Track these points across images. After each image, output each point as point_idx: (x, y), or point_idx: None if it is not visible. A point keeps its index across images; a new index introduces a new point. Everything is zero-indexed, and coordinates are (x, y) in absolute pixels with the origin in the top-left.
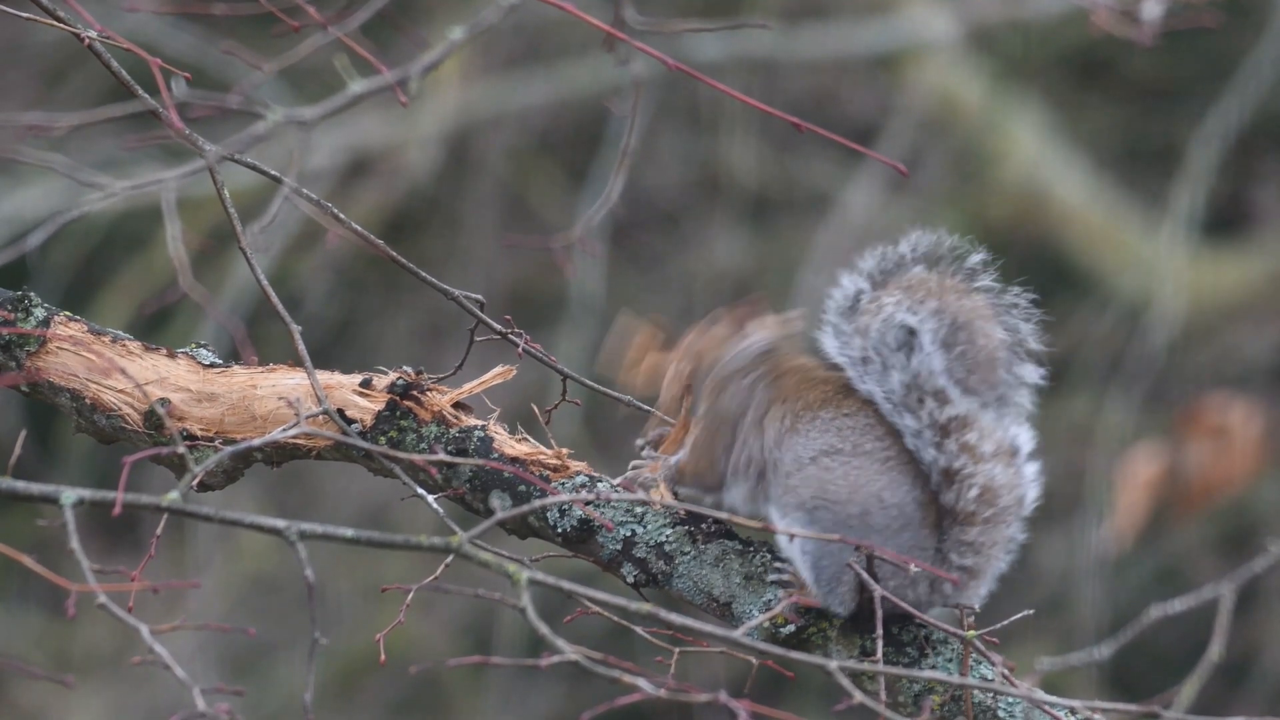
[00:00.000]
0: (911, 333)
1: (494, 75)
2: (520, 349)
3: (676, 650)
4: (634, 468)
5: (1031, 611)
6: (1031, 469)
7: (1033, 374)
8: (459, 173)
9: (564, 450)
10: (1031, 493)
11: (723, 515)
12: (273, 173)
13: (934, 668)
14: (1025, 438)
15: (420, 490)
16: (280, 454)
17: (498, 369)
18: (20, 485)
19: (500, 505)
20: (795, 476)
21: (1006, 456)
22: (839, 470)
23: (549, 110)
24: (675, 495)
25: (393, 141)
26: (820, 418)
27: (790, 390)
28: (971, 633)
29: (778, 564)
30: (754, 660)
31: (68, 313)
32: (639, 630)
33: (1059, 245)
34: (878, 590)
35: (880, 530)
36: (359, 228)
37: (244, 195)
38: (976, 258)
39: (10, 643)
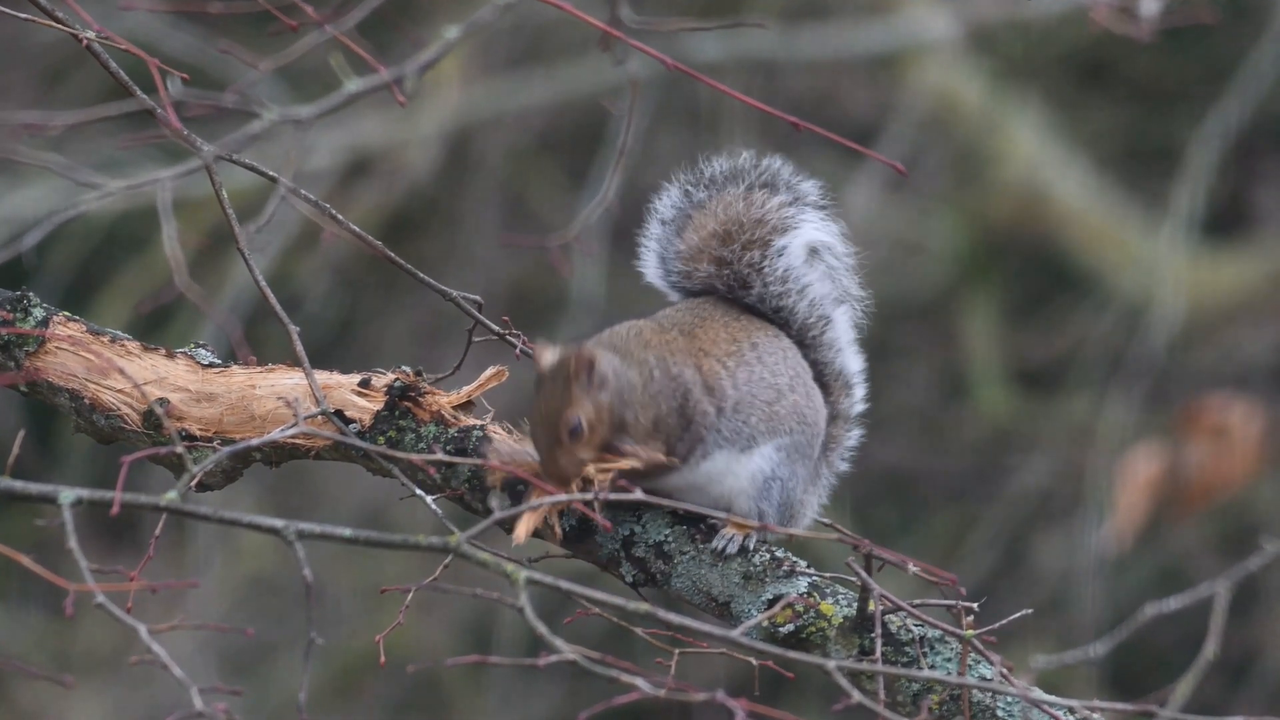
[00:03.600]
0: (815, 250)
1: (494, 75)
2: (518, 350)
3: (676, 651)
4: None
5: (1030, 611)
6: None
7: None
8: (459, 173)
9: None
10: None
11: (719, 514)
12: (269, 172)
13: (933, 667)
14: None
15: (418, 490)
16: (279, 454)
17: (490, 371)
18: (19, 485)
19: (499, 505)
20: (779, 404)
21: None
22: (804, 393)
23: (549, 110)
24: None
25: (392, 141)
26: (760, 344)
27: (707, 341)
28: (970, 632)
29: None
30: (754, 660)
31: (66, 313)
32: (638, 630)
33: (1059, 245)
34: (876, 589)
35: (819, 444)
36: (355, 228)
37: (244, 195)
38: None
39: (10, 643)
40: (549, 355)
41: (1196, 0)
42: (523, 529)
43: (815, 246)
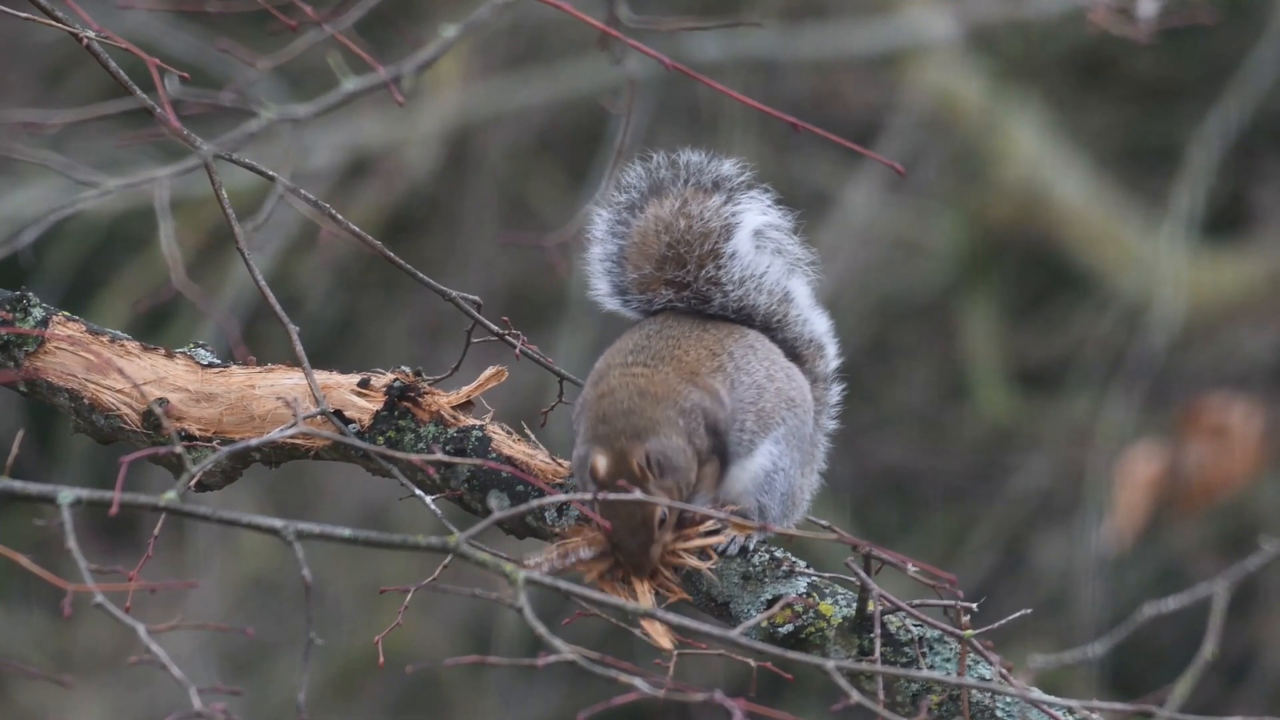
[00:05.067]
0: (759, 233)
1: (493, 75)
2: (518, 350)
3: (675, 651)
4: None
5: (1029, 611)
6: None
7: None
8: (459, 172)
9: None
10: None
11: (720, 515)
12: (268, 171)
13: (932, 667)
14: None
15: (418, 490)
16: (278, 454)
17: (490, 371)
18: (18, 485)
19: (498, 505)
20: (763, 400)
21: None
22: (783, 378)
23: (549, 110)
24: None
25: (392, 141)
26: (733, 349)
27: (693, 361)
28: (969, 632)
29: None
30: (753, 661)
31: (66, 312)
32: (637, 631)
33: (1059, 245)
34: (875, 589)
35: (810, 418)
36: (355, 228)
37: (245, 195)
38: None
39: (10, 643)
40: (603, 463)
41: (1195, 0)
42: (665, 638)
43: (759, 230)
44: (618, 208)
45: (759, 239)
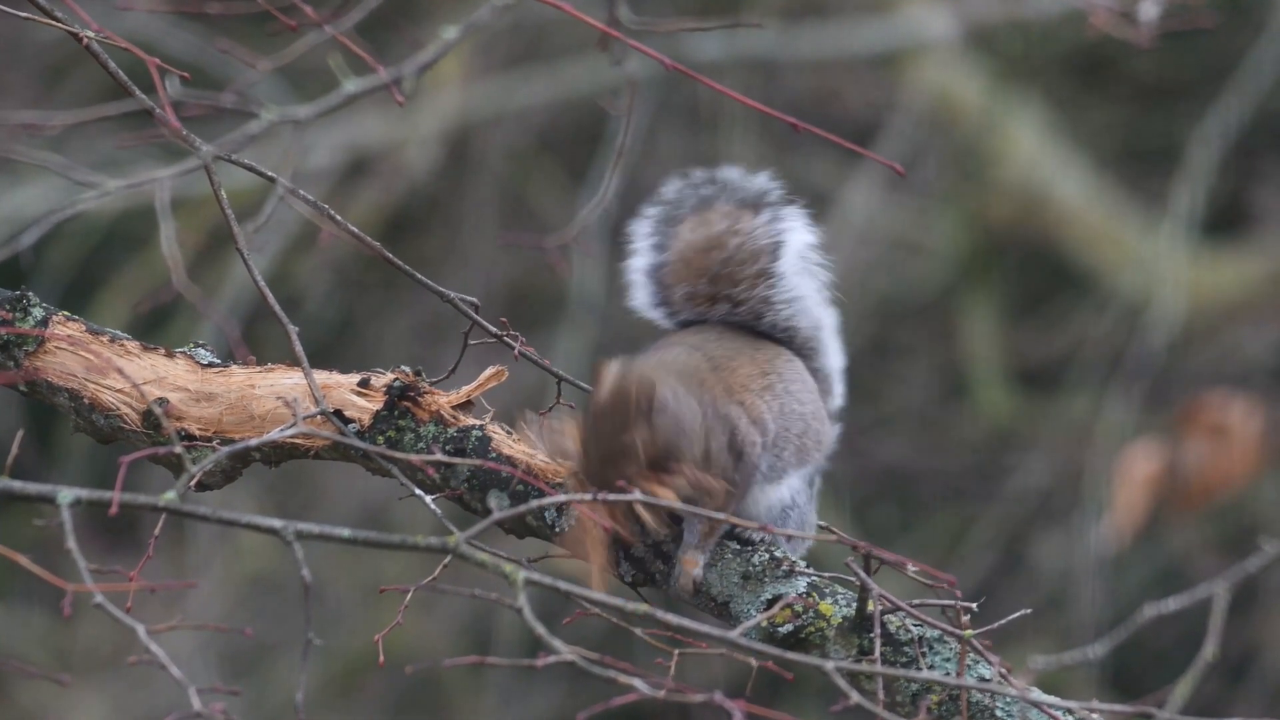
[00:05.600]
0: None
1: (494, 75)
2: (516, 351)
3: (675, 651)
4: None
5: (1029, 611)
6: None
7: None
8: (459, 172)
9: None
10: None
11: (718, 516)
12: (267, 172)
13: (932, 667)
14: None
15: (417, 490)
16: (278, 454)
17: (489, 371)
18: (18, 485)
19: (498, 505)
20: (807, 436)
21: None
22: (822, 417)
23: (549, 110)
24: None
25: (392, 141)
26: (784, 372)
27: (743, 375)
28: (969, 632)
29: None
30: (753, 661)
31: (66, 312)
32: (637, 631)
33: (1059, 245)
34: (875, 589)
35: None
36: (354, 228)
37: (244, 195)
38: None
39: (11, 643)
40: (612, 371)
41: (1195, 3)
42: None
43: (801, 251)
44: (659, 222)
45: (802, 260)
